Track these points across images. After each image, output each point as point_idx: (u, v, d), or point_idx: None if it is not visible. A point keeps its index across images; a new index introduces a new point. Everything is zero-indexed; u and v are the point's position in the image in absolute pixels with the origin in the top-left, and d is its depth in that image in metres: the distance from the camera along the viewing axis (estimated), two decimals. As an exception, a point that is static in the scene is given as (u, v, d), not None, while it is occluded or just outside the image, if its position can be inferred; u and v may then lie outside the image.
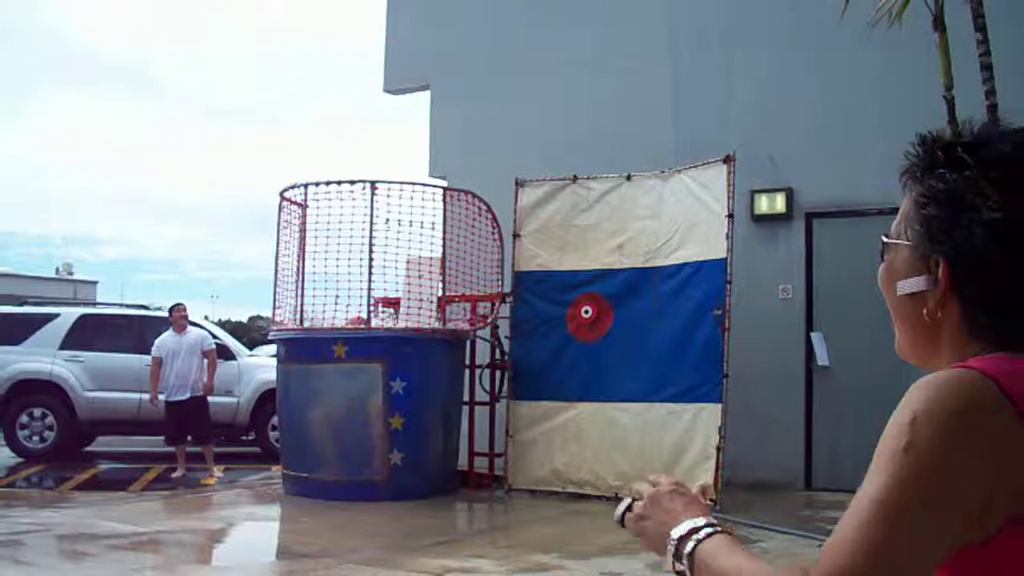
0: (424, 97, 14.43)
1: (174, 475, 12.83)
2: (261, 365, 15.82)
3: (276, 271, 10.83)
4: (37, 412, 15.35)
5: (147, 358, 15.07)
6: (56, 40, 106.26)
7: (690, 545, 1.37)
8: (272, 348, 19.28)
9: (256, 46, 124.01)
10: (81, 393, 15.28)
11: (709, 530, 1.38)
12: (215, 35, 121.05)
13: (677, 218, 10.38)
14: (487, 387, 11.41)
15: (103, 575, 7.30)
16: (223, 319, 51.59)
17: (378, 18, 15.18)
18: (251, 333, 39.09)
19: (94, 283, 66.44)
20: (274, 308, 10.89)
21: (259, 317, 79.41)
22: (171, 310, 13.28)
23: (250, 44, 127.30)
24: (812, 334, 10.87)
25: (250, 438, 16.28)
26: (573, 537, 8.90)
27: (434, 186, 11.33)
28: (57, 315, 16.11)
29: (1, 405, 15.36)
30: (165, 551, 8.42)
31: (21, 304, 17.16)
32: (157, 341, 12.88)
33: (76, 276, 67.12)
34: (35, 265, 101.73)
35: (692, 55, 12.20)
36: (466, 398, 11.38)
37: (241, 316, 72.77)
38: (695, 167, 10.27)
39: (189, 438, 12.98)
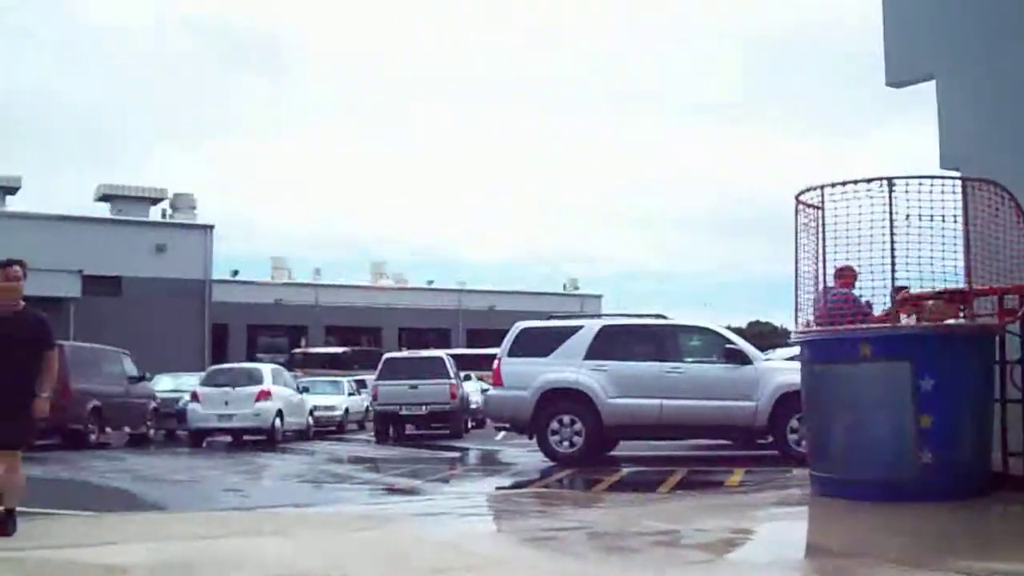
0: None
1: None
2: (778, 369, 15.94)
3: (796, 274, 10.89)
4: (566, 419, 16.35)
5: (668, 365, 15.74)
6: (557, 58, 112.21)
7: None
8: (786, 352, 19.44)
9: (739, 46, 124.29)
10: (606, 400, 16.11)
11: None
12: (701, 38, 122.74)
13: None
14: (1019, 383, 10.84)
15: (652, 568, 7.70)
16: (724, 325, 52.15)
17: (867, 11, 14.83)
18: (750, 339, 39.33)
19: (598, 296, 69.76)
20: (796, 311, 10.94)
21: (758, 322, 79.80)
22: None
23: (734, 45, 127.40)
24: None
25: (767, 441, 16.45)
26: None
27: (952, 178, 10.94)
28: (581, 327, 17.11)
29: (533, 413, 16.54)
30: (703, 547, 8.69)
31: (548, 318, 18.37)
32: None
33: (581, 291, 70.75)
34: (541, 282, 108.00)
35: None
36: (997, 396, 10.87)
37: (739, 321, 73.40)
38: None
39: None
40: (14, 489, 8.23)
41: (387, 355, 29.13)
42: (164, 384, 28.92)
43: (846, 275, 10.52)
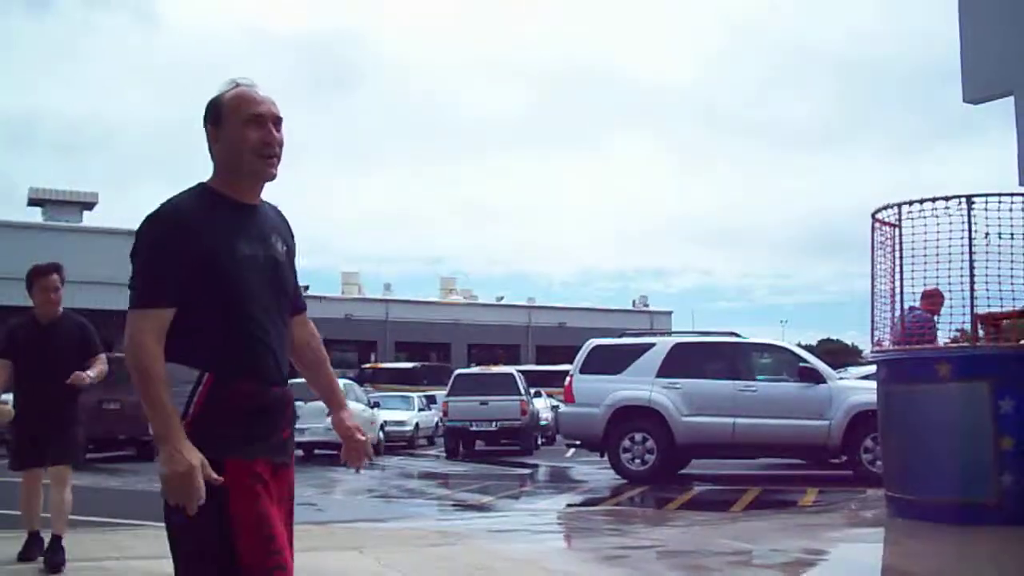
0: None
1: None
2: (852, 388, 15.81)
3: (872, 293, 10.82)
4: (638, 437, 16.32)
5: (741, 383, 15.67)
6: (621, 80, 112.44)
7: None
8: (860, 370, 19.27)
9: (811, 68, 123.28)
10: (678, 418, 16.06)
11: None
12: (772, 60, 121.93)
13: None
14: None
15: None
16: (794, 343, 51.94)
17: (933, 27, 14.69)
18: (821, 357, 39.02)
19: (668, 313, 69.51)
20: (872, 329, 10.87)
21: (829, 340, 79.10)
22: None
23: (801, 66, 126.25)
24: None
25: (840, 461, 16.29)
26: None
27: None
28: (653, 344, 17.09)
29: (605, 430, 16.53)
30: (779, 568, 8.64)
31: (620, 335, 18.36)
32: None
33: (651, 307, 70.51)
34: (611, 298, 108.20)
35: None
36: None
37: (810, 339, 72.98)
38: None
39: None
40: (64, 511, 7.57)
41: (458, 371, 29.27)
42: (237, 398, 29.19)
43: (934, 298, 10.42)
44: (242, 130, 3.13)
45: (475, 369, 32.03)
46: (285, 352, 3.29)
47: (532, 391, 29.14)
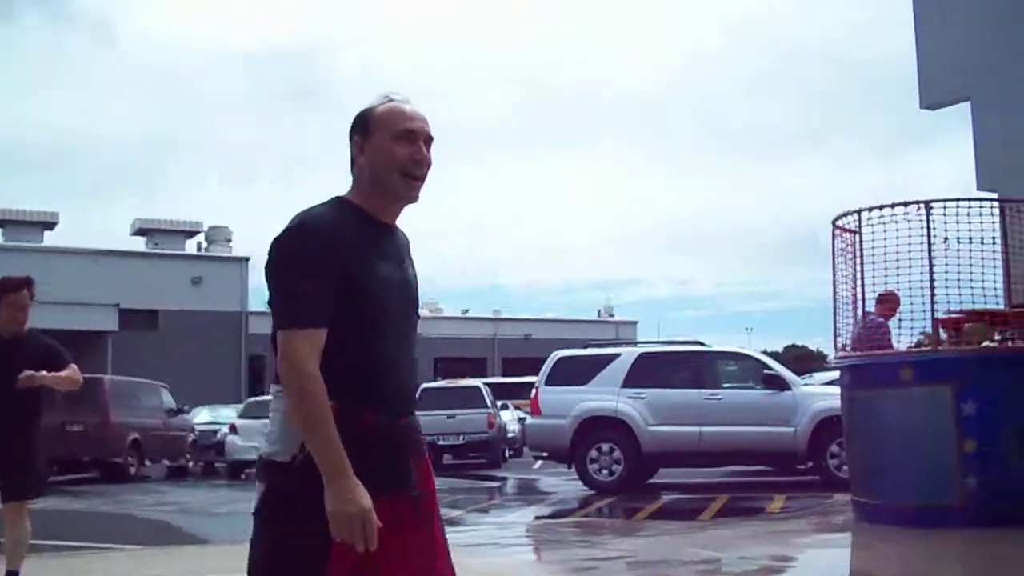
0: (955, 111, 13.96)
1: None
2: (817, 394, 15.90)
3: (834, 299, 10.91)
4: (605, 447, 16.35)
5: (706, 391, 15.72)
6: (598, 90, 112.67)
7: None
8: (825, 376, 19.40)
9: (779, 71, 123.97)
10: (645, 428, 16.10)
11: None
12: (759, 61, 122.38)
13: None
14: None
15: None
16: (760, 350, 52.22)
17: (901, 34, 14.89)
18: (787, 363, 39.18)
19: (634, 323, 69.62)
20: (835, 335, 10.95)
21: (795, 346, 79.59)
22: None
23: (773, 70, 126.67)
24: None
25: (806, 467, 16.38)
26: None
27: (989, 200, 10.93)
28: (618, 355, 17.14)
29: (572, 441, 16.55)
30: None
31: (585, 347, 18.39)
32: None
33: (616, 317, 70.63)
34: (578, 309, 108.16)
35: None
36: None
37: (776, 346, 73.52)
38: None
39: None
40: (21, 547, 6.95)
41: (424, 385, 29.15)
42: (202, 416, 29.04)
43: (889, 301, 10.51)
44: (391, 145, 2.98)
45: (441, 383, 31.93)
46: (414, 380, 3.11)
47: (499, 403, 29.11)
